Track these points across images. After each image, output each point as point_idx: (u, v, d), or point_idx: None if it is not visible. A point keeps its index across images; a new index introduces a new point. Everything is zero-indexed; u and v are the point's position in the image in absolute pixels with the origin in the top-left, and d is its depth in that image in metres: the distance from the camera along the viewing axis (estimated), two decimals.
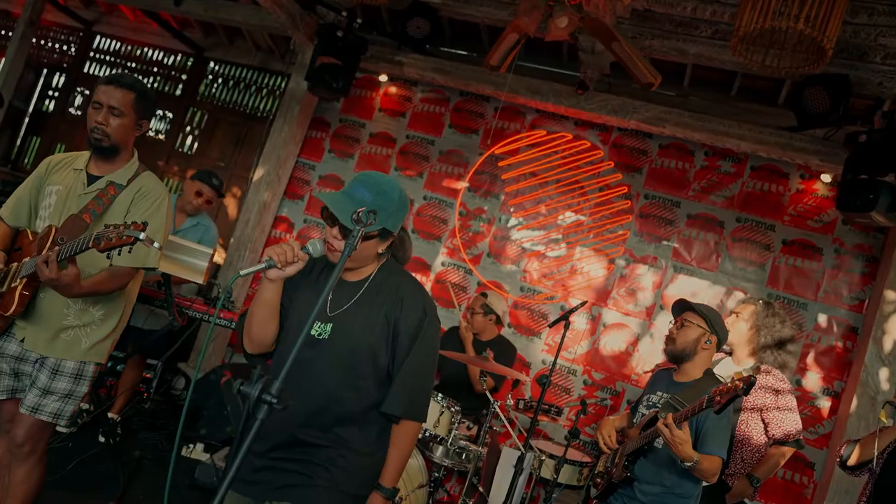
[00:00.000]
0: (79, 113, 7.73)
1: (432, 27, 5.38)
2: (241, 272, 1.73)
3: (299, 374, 1.90)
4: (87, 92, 7.76)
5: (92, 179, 2.51)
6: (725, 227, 5.05)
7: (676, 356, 2.90)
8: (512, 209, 5.51)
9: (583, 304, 3.48)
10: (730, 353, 3.51)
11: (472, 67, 5.40)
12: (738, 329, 3.38)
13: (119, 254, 2.12)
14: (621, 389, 5.07)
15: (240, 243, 5.73)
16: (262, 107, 6.91)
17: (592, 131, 5.44)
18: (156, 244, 2.09)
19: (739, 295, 4.89)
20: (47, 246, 2.33)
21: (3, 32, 8.17)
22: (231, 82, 7.13)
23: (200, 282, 3.30)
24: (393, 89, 6.03)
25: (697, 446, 2.61)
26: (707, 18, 4.28)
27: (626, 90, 5.26)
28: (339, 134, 6.11)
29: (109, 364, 4.70)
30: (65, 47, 8.00)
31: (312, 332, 1.93)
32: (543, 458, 3.80)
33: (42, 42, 8.00)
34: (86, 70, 7.81)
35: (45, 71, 7.97)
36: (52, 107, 7.87)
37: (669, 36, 4.60)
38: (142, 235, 2.04)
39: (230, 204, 6.68)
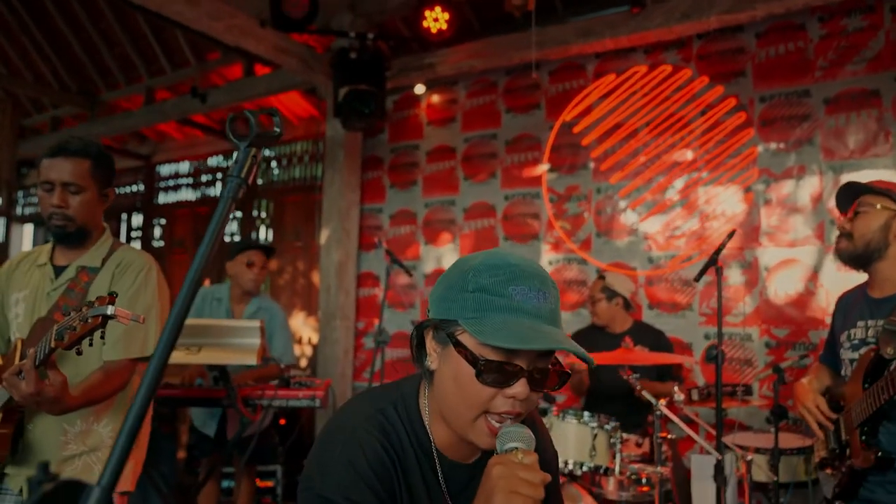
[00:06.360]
0: (162, 243, 7.81)
1: (453, 15, 4.77)
2: None
3: None
4: (163, 222, 7.84)
5: (59, 272, 2.02)
6: (884, 96, 3.87)
7: (860, 256, 2.07)
8: (607, 174, 4.62)
9: (731, 234, 2.52)
10: None
11: (507, 38, 4.68)
12: None
13: (91, 344, 1.60)
14: (818, 340, 3.92)
15: (328, 315, 5.22)
16: (318, 174, 6.54)
17: (669, 52, 4.49)
18: (144, 318, 1.59)
19: None
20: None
21: None
22: (284, 161, 6.87)
23: (254, 362, 2.74)
24: (435, 97, 5.40)
25: None
26: None
27: None
28: (395, 165, 5.54)
29: (226, 484, 4.26)
30: (133, 188, 8.17)
31: None
32: (750, 456, 2.81)
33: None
34: (157, 201, 7.91)
35: (123, 215, 8.16)
36: (138, 246, 8.00)
37: None
38: (110, 310, 1.52)
39: (317, 280, 6.27)
